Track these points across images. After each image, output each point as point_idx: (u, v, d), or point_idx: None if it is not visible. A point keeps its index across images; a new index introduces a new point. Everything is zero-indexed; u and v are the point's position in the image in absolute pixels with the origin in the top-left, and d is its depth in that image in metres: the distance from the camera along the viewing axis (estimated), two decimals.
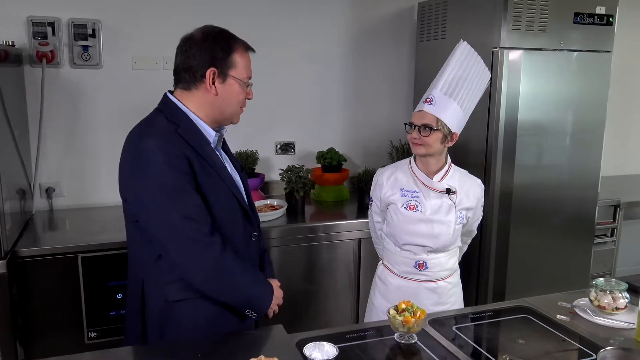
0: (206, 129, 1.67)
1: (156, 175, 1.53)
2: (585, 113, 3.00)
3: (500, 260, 2.96)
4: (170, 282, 1.63)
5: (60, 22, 2.82)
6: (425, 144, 1.92)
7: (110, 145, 3.01)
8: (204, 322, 1.67)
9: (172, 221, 1.53)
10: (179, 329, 1.66)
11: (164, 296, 1.65)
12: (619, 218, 3.45)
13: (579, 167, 3.05)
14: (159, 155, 1.53)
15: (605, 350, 1.38)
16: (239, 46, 1.66)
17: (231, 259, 1.60)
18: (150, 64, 3.02)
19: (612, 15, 2.95)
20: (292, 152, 3.39)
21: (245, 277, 1.66)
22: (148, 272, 1.68)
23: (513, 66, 2.79)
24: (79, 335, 2.45)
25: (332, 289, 2.90)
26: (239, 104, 1.71)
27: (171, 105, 1.66)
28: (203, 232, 1.56)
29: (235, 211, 1.71)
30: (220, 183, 1.65)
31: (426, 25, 3.36)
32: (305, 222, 2.89)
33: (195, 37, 1.65)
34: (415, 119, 1.96)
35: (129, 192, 1.60)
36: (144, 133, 1.59)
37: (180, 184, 1.54)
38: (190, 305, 1.65)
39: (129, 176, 1.59)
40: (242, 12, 3.10)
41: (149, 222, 1.58)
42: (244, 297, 1.68)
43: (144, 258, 1.67)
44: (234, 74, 1.65)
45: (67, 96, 2.92)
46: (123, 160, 1.64)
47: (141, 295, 1.70)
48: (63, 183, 2.98)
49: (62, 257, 2.39)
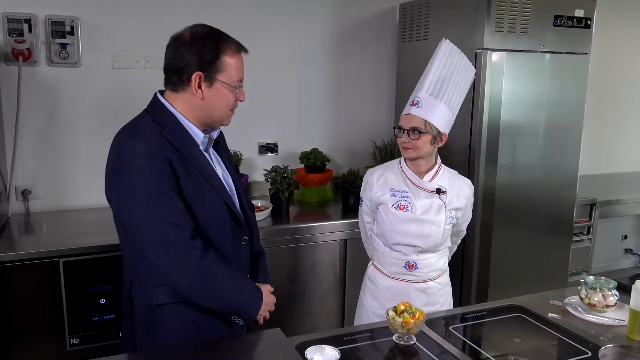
0: (194, 131, 1.63)
1: (137, 179, 1.49)
2: (564, 114, 3.06)
3: (483, 258, 2.99)
4: (156, 285, 1.60)
5: (37, 18, 2.74)
6: (414, 147, 1.93)
7: (89, 146, 2.94)
8: (191, 326, 1.64)
9: (154, 226, 1.50)
10: (166, 334, 1.62)
11: (149, 300, 1.62)
12: (594, 216, 3.53)
13: (558, 166, 3.11)
14: (141, 159, 1.49)
15: (605, 348, 1.40)
16: (229, 48, 1.59)
17: (213, 264, 1.56)
18: (130, 62, 2.95)
19: (590, 19, 3.01)
20: (275, 153, 3.37)
21: (230, 282, 1.62)
22: (135, 275, 1.65)
23: (496, 67, 2.83)
24: (60, 342, 2.38)
25: (318, 291, 2.88)
26: (228, 107, 1.65)
27: (159, 107, 1.62)
28: (184, 238, 1.51)
29: (222, 215, 1.66)
30: (207, 186, 1.60)
31: (408, 26, 3.37)
32: (290, 223, 2.87)
33: (183, 38, 1.59)
34: (403, 123, 1.96)
35: (112, 195, 1.57)
36: (128, 134, 1.56)
37: (162, 189, 1.50)
38: (175, 309, 1.61)
39: (112, 179, 1.56)
40: (225, 12, 3.06)
41: (131, 226, 1.55)
42: (230, 303, 1.63)
43: (131, 261, 1.65)
44: (222, 78, 1.59)
45: (45, 95, 2.83)
46: (108, 161, 1.60)
47: (129, 300, 1.66)
48: (40, 185, 2.88)
49: (42, 262, 2.31)
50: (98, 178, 2.89)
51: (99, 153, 2.94)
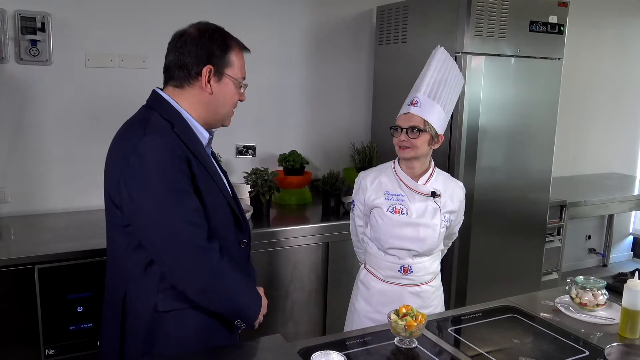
0: (199, 129, 1.59)
1: (158, 176, 1.43)
2: (538, 118, 3.14)
3: (462, 260, 3.03)
4: (161, 291, 1.53)
5: (5, 13, 2.61)
6: (413, 146, 1.92)
7: (61, 148, 2.83)
8: (193, 333, 1.58)
9: (172, 225, 1.44)
10: (166, 342, 1.56)
11: (151, 306, 1.54)
12: (564, 217, 3.62)
13: (532, 169, 3.19)
14: (161, 156, 1.43)
15: (610, 347, 1.43)
16: (235, 45, 1.61)
17: (229, 268, 1.53)
18: (105, 61, 2.85)
19: (563, 25, 3.10)
20: (253, 155, 3.32)
21: (238, 286, 1.59)
22: (133, 282, 1.56)
23: (475, 71, 2.87)
24: (34, 353, 2.26)
25: (300, 295, 2.85)
26: (233, 104, 1.64)
27: (164, 103, 1.56)
28: (202, 238, 1.47)
29: (227, 217, 1.63)
30: (215, 187, 1.58)
31: (385, 28, 3.38)
32: (271, 226, 2.82)
33: (191, 34, 1.56)
34: (402, 122, 1.95)
35: (123, 195, 1.47)
36: (141, 131, 1.47)
37: (183, 186, 1.46)
38: (179, 315, 1.55)
39: (124, 177, 1.46)
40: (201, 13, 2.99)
41: (145, 226, 1.47)
42: (236, 307, 1.60)
43: (130, 266, 1.56)
44: (230, 73, 1.58)
45: (13, 94, 2.69)
46: (115, 161, 1.51)
47: (122, 307, 1.58)
48: (7, 188, 2.75)
49: (16, 269, 2.19)
50: (69, 181, 2.86)
51: (71, 155, 2.88)
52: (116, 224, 1.54)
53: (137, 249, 1.52)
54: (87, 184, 2.84)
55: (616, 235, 4.94)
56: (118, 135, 1.56)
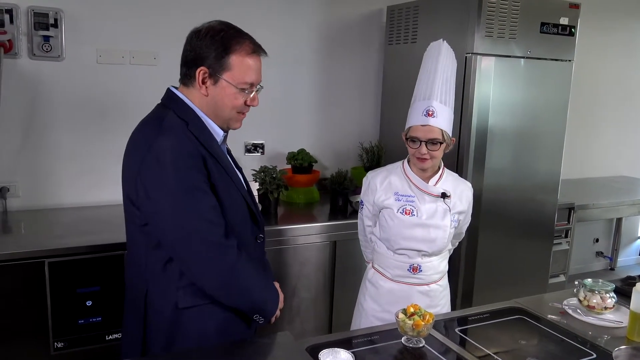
0: (213, 126, 1.60)
1: (174, 175, 1.44)
2: (548, 119, 3.13)
3: (469, 261, 3.03)
4: (181, 288, 1.55)
5: (18, 9, 2.63)
6: (432, 157, 1.91)
7: (71, 143, 2.85)
8: (212, 329, 1.60)
9: (190, 223, 1.45)
10: (187, 337, 1.59)
11: (172, 303, 1.56)
12: (572, 220, 3.61)
13: (541, 171, 3.18)
14: (176, 154, 1.45)
15: (618, 350, 1.43)
16: (241, 48, 1.54)
17: (247, 264, 1.55)
18: (116, 57, 2.87)
19: (574, 26, 3.09)
20: (262, 153, 3.33)
21: (257, 281, 1.61)
22: (154, 280, 1.58)
23: (485, 72, 2.86)
24: (44, 346, 2.29)
25: (307, 293, 2.86)
26: (233, 108, 1.59)
27: (179, 102, 1.57)
28: (219, 235, 1.49)
29: (244, 212, 1.65)
30: (231, 184, 1.59)
31: (395, 28, 3.38)
32: (278, 224, 2.83)
33: (199, 32, 1.56)
34: (420, 134, 1.90)
35: (140, 195, 1.49)
36: (157, 131, 1.49)
37: (199, 185, 1.47)
38: (199, 311, 1.58)
39: (141, 177, 1.47)
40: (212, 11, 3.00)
41: (163, 224, 1.48)
42: (255, 302, 1.62)
43: (149, 265, 1.57)
44: (228, 77, 1.54)
45: (25, 89, 2.72)
46: (132, 159, 1.53)
47: (144, 305, 1.59)
48: (18, 182, 2.77)
49: (27, 263, 2.22)
50: (79, 176, 2.88)
51: (81, 150, 2.89)
52: (135, 222, 1.56)
53: (156, 247, 1.54)
54: (97, 179, 2.86)
55: (624, 238, 4.92)
56: (134, 134, 1.58)
